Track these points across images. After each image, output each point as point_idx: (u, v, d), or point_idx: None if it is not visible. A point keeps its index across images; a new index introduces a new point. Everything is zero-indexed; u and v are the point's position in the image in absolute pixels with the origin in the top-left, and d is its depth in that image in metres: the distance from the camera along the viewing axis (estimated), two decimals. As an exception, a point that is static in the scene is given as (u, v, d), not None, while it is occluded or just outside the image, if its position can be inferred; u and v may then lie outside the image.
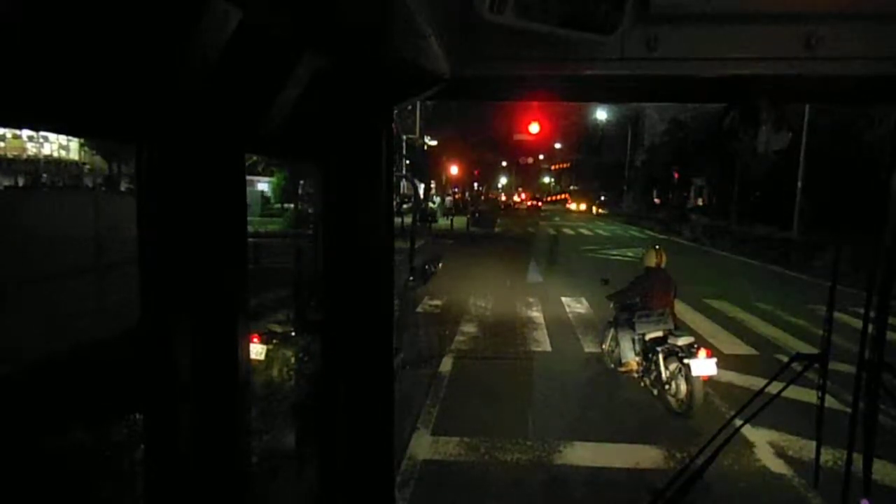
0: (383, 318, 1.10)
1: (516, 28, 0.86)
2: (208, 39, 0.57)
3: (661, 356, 5.54)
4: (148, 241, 0.68)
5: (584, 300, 10.59)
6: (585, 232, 29.48)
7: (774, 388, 1.32)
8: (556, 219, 40.48)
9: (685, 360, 5.16)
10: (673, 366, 5.39)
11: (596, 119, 44.93)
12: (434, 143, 30.70)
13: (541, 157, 63.71)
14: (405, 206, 22.73)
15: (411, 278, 9.76)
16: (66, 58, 0.46)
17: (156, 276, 0.69)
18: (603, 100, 2.90)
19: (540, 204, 55.17)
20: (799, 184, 17.79)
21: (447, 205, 34.46)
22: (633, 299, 6.20)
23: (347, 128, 1.01)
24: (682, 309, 10.13)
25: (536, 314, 9.55)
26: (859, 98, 1.21)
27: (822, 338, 1.37)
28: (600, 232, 29.88)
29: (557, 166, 67.78)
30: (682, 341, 5.40)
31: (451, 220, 25.47)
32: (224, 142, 0.70)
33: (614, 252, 19.95)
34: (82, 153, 27.62)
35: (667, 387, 5.44)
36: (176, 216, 0.68)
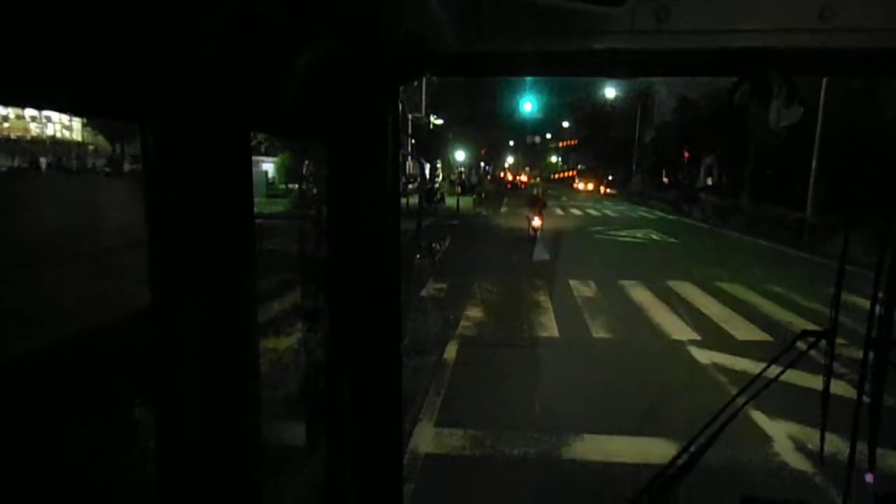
0: (391, 300, 1.08)
1: (523, 2, 0.86)
2: (211, 16, 0.56)
3: (528, 222, 15.89)
4: (154, 224, 0.66)
5: (592, 283, 10.35)
6: (593, 212, 29.12)
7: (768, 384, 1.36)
8: (564, 198, 40.07)
9: (531, 220, 15.52)
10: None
11: (604, 95, 44.16)
12: (440, 121, 30.30)
13: (548, 135, 63.02)
14: (410, 186, 22.54)
15: (418, 256, 9.64)
16: (69, 36, 0.45)
17: (163, 261, 0.67)
18: (612, 75, 2.76)
19: (528, 179, 64.60)
20: (814, 163, 17.32)
21: (472, 181, 34.70)
22: (528, 206, 16.32)
23: (353, 106, 0.98)
24: (692, 292, 9.92)
25: (543, 298, 9.33)
26: (873, 71, 1.21)
27: (830, 315, 1.42)
28: (608, 212, 29.51)
29: (565, 143, 67.03)
30: (536, 221, 15.41)
31: (458, 201, 25.23)
32: (230, 122, 0.68)
33: (623, 233, 19.66)
34: (85, 134, 27.44)
35: (531, 232, 15.50)
36: (182, 198, 0.66)
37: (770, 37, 0.90)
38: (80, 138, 27.98)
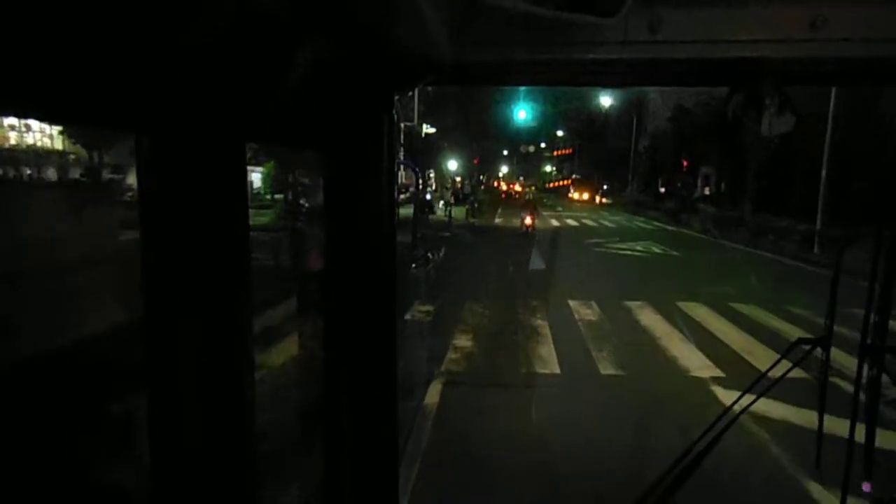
0: (386, 307, 1.09)
1: (517, 12, 0.86)
2: (206, 25, 0.56)
3: (522, 220, 21.05)
4: (148, 233, 0.66)
5: (594, 304, 9.43)
6: (590, 223, 28.31)
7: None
8: (559, 208, 39.30)
9: (524, 218, 20.77)
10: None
11: (599, 104, 43.60)
12: (433, 130, 29.59)
13: (542, 144, 62.53)
14: (403, 196, 21.70)
15: (413, 266, 8.92)
16: (60, 44, 0.45)
17: (157, 271, 0.66)
18: (605, 84, 3.40)
19: (522, 189, 64.08)
20: (823, 172, 16.54)
21: (465, 191, 35.27)
22: (522, 209, 22.08)
23: (349, 115, 0.99)
24: (706, 315, 9.01)
25: (541, 323, 8.38)
26: (865, 79, 1.21)
27: (825, 323, 1.43)
28: (605, 223, 28.71)
29: (559, 152, 66.42)
30: (528, 218, 20.56)
31: (450, 211, 24.34)
32: (225, 131, 0.68)
33: (622, 246, 18.79)
34: (65, 142, 26.63)
35: (524, 228, 20.40)
36: (177, 208, 0.65)
37: (762, 47, 0.91)
38: (60, 147, 27.11)
